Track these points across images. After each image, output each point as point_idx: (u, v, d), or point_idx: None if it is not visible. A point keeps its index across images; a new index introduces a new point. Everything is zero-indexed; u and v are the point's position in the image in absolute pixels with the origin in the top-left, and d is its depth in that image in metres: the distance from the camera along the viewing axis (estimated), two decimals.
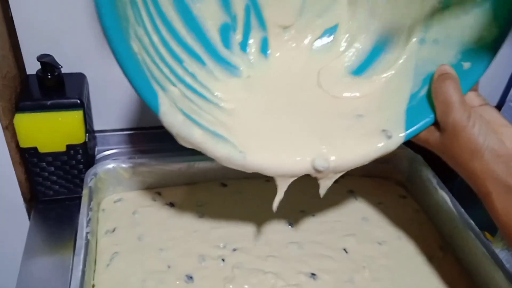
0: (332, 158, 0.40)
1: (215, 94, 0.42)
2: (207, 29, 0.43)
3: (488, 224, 0.45)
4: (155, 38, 0.38)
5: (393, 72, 0.45)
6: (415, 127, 0.42)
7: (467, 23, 0.40)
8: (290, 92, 0.46)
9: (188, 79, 0.40)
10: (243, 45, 0.46)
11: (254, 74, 0.46)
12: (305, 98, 0.45)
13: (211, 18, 0.43)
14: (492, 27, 0.39)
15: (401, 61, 0.45)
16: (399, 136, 0.42)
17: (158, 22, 0.39)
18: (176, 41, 0.40)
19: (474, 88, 0.41)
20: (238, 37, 0.45)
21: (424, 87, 0.42)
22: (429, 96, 0.41)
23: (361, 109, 0.45)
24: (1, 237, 0.59)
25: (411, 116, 0.42)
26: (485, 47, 0.39)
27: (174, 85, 0.38)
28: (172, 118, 0.35)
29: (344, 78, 0.47)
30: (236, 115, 0.42)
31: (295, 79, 0.47)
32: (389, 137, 0.42)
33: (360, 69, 0.47)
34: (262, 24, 0.46)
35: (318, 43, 0.48)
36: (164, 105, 0.35)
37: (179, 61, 0.40)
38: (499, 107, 0.79)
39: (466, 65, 0.40)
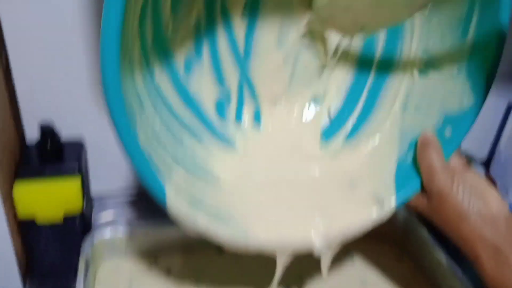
0: (332, 233, 0.41)
1: (213, 171, 0.43)
2: (203, 105, 0.45)
3: None
4: (157, 124, 0.39)
5: (379, 138, 0.47)
6: (404, 194, 0.43)
7: (446, 92, 0.42)
8: (284, 164, 0.47)
9: (188, 161, 0.41)
10: (238, 118, 0.47)
11: (249, 147, 0.47)
12: (299, 168, 0.46)
13: (206, 94, 0.45)
14: (469, 96, 0.41)
15: (386, 127, 0.47)
16: (390, 204, 0.43)
17: (159, 105, 0.40)
18: (175, 121, 0.42)
19: (457, 152, 0.42)
20: (232, 110, 0.47)
21: (410, 152, 0.43)
22: (415, 161, 0.42)
23: (353, 177, 0.46)
24: None
25: (400, 182, 0.43)
26: (464, 114, 0.41)
27: (176, 171, 0.39)
28: (178, 209, 0.37)
29: (335, 145, 0.49)
30: (235, 192, 0.43)
31: (288, 149, 0.48)
32: (381, 204, 0.43)
33: (349, 135, 0.49)
34: (254, 96, 0.48)
35: (307, 112, 0.50)
36: (170, 196, 0.36)
37: (179, 142, 0.41)
38: (487, 161, 0.80)
39: (448, 131, 0.42)
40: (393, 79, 0.46)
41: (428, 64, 0.44)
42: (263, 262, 0.57)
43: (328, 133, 0.50)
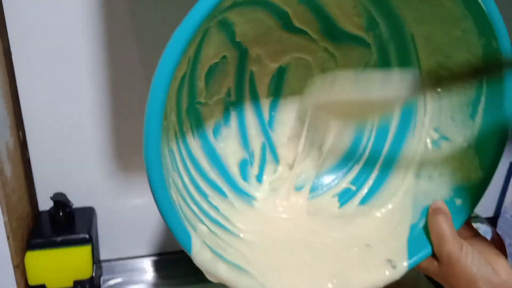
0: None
1: (236, 225, 0.45)
2: (228, 165, 0.48)
3: None
4: (186, 179, 0.42)
5: (393, 203, 0.48)
6: (416, 258, 0.43)
7: (456, 166, 0.44)
8: (302, 224, 0.48)
9: (213, 213, 0.43)
10: (259, 178, 0.50)
11: (268, 206, 0.49)
12: (317, 228, 0.48)
13: (232, 155, 0.48)
14: (478, 171, 0.42)
15: (400, 193, 0.48)
16: (403, 266, 0.43)
17: (188, 163, 0.44)
18: (202, 178, 0.45)
19: (467, 221, 0.44)
20: (254, 170, 0.50)
21: (422, 219, 0.44)
22: (427, 227, 0.43)
23: (368, 242, 0.47)
24: None
25: (412, 246, 0.44)
26: (474, 187, 0.42)
27: (201, 221, 0.41)
28: (202, 257, 0.38)
29: (350, 209, 0.50)
30: (255, 247, 0.44)
31: (306, 211, 0.50)
32: (394, 267, 0.43)
33: (363, 200, 0.50)
34: (276, 158, 0.50)
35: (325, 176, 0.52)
36: (196, 245, 0.37)
37: (204, 196, 0.44)
38: (495, 218, 0.81)
39: (458, 201, 0.43)
40: (408, 147, 0.48)
41: (441, 136, 0.46)
42: None
43: (344, 197, 0.51)
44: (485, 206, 0.82)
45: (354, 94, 0.44)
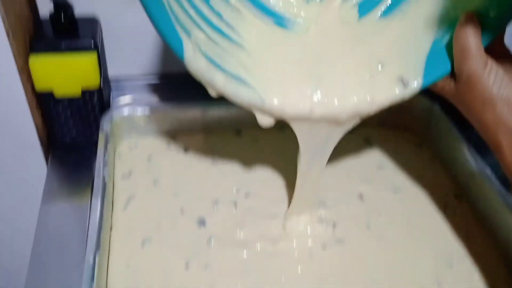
0: (352, 100, 0.40)
1: (240, 34, 0.42)
2: None
3: None
4: None
5: (415, 15, 0.44)
6: (433, 75, 0.41)
7: None
8: (315, 35, 0.45)
9: (214, 19, 0.40)
10: None
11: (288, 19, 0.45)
12: (329, 39, 0.44)
13: None
14: None
15: (426, 3, 0.43)
16: (416, 84, 0.41)
17: None
18: None
19: (499, 37, 0.40)
20: None
21: (447, 34, 0.41)
22: (451, 43, 0.40)
23: (382, 54, 0.44)
24: (20, 182, 0.60)
25: (431, 63, 0.41)
26: None
27: (199, 28, 0.38)
28: (196, 64, 0.36)
29: (369, 21, 0.46)
30: (259, 58, 0.41)
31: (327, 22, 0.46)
32: (406, 85, 0.41)
33: (386, 11, 0.46)
34: None
35: None
36: (189, 51, 0.36)
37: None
38: None
39: (492, 13, 0.38)
40: None
41: None
42: (279, 142, 0.59)
43: (365, 7, 0.47)
44: None
45: None
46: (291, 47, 0.44)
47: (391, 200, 0.54)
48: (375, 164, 0.58)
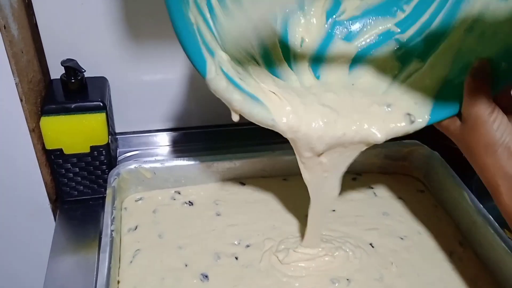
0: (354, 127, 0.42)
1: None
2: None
3: None
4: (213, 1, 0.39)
5: (433, 57, 0.46)
6: (439, 115, 0.43)
7: None
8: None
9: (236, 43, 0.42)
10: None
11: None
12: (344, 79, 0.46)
13: None
14: None
15: (443, 46, 0.45)
16: (422, 120, 0.43)
17: None
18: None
19: (507, 89, 0.42)
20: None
21: (460, 76, 0.42)
22: (461, 86, 0.41)
23: (391, 95, 0.46)
24: (28, 237, 0.61)
25: (438, 102, 0.43)
26: None
27: (223, 48, 0.39)
28: (217, 84, 0.37)
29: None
30: (281, 84, 0.43)
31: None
32: (412, 122, 0.43)
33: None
34: None
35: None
36: (211, 72, 0.37)
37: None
38: None
39: (504, 65, 0.40)
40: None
41: None
42: (283, 192, 0.60)
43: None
44: None
45: None
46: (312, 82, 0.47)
47: (399, 248, 0.54)
48: (380, 211, 0.59)
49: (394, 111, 0.44)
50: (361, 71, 0.48)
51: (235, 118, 0.41)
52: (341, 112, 0.44)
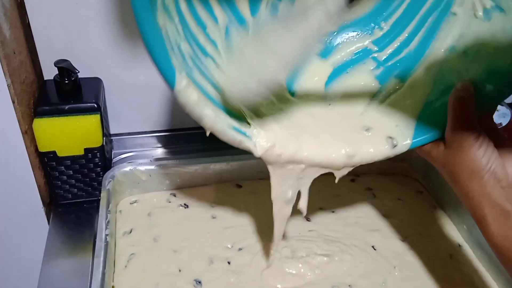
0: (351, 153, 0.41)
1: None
2: None
3: None
4: (183, 6, 0.37)
5: (412, 78, 0.44)
6: (421, 138, 0.41)
7: (501, 44, 0.38)
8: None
9: (209, 49, 0.40)
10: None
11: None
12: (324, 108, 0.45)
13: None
14: None
15: (423, 66, 0.44)
16: (403, 144, 0.41)
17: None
18: (202, 6, 0.39)
19: (490, 112, 0.41)
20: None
21: (442, 98, 0.41)
22: (444, 108, 0.39)
23: (370, 117, 0.44)
24: (22, 241, 0.60)
25: (420, 125, 0.41)
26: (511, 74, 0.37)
27: (192, 67, 0.37)
28: (186, 97, 0.35)
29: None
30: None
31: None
32: (394, 145, 0.41)
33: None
34: None
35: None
36: (181, 83, 0.34)
37: (203, 27, 0.40)
38: None
39: (489, 87, 0.38)
40: (455, 10, 0.42)
41: (496, 6, 0.39)
42: None
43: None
44: None
45: None
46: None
47: (401, 250, 0.54)
48: (380, 213, 0.58)
49: (375, 135, 0.42)
50: (338, 89, 0.46)
51: (207, 133, 0.38)
52: (322, 141, 0.42)
